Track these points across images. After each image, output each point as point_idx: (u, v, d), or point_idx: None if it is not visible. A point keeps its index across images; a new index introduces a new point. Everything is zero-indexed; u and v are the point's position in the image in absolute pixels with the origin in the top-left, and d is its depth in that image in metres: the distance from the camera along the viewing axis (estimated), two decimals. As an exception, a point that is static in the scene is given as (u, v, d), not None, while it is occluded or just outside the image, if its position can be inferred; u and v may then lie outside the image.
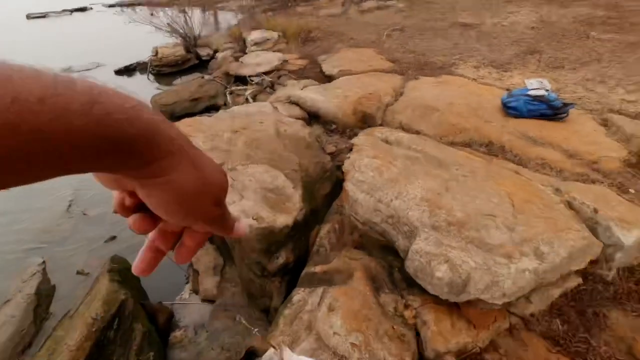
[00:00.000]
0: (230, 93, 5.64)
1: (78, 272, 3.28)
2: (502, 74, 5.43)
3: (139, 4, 14.78)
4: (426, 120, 3.74)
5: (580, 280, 2.19)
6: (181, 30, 8.54)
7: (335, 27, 8.48)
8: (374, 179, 2.40)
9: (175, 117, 5.25)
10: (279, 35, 7.64)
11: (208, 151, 3.24)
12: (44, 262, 3.29)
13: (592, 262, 2.20)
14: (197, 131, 3.43)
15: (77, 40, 11.93)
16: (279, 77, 5.62)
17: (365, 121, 3.94)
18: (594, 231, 2.26)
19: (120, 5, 17.16)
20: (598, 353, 1.87)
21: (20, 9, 18.37)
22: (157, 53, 8.51)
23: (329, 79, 5.24)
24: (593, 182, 2.89)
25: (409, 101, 4.12)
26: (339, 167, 3.07)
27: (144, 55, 8.79)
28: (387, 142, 3.03)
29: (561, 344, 1.95)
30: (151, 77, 8.47)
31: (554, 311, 2.11)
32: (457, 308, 2.01)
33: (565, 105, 3.74)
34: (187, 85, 6.41)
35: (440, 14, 8.35)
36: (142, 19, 9.16)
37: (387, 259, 2.32)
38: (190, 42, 8.63)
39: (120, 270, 2.87)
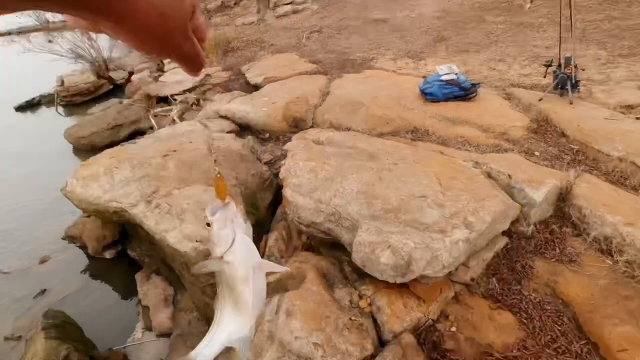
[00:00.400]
0: (155, 116, 5.38)
1: (7, 338, 2.91)
2: (418, 62, 5.82)
3: (36, 30, 13.39)
4: (354, 115, 3.89)
5: (507, 240, 2.45)
6: (87, 55, 7.91)
7: (255, 34, 8.46)
8: (311, 181, 2.46)
9: (98, 148, 4.87)
10: (197, 49, 7.41)
11: (138, 180, 3.07)
12: (-39, 335, 2.87)
13: (514, 222, 2.47)
14: (123, 161, 3.22)
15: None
16: (204, 92, 5.48)
17: (297, 125, 4.00)
18: (511, 195, 2.54)
19: (9, 33, 15.40)
20: (529, 300, 2.10)
21: None
22: (63, 82, 7.75)
23: (255, 87, 5.23)
24: (505, 150, 3.24)
25: (336, 100, 4.25)
26: (277, 175, 3.09)
27: (48, 87, 7.93)
28: (319, 143, 3.11)
29: (499, 299, 2.16)
30: (60, 109, 7.72)
31: (490, 272, 2.33)
32: (406, 288, 2.14)
33: (474, 85, 4.13)
34: (104, 113, 5.98)
35: (354, 12, 8.71)
36: (39, 47, 8.32)
37: (336, 255, 2.39)
38: (101, 67, 8.04)
39: (57, 325, 2.61)
